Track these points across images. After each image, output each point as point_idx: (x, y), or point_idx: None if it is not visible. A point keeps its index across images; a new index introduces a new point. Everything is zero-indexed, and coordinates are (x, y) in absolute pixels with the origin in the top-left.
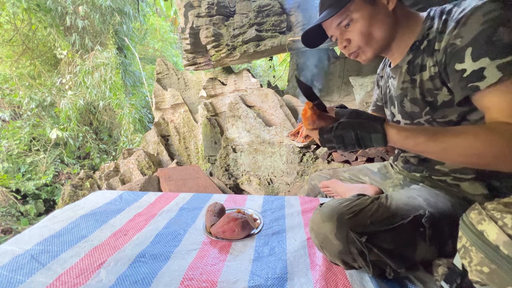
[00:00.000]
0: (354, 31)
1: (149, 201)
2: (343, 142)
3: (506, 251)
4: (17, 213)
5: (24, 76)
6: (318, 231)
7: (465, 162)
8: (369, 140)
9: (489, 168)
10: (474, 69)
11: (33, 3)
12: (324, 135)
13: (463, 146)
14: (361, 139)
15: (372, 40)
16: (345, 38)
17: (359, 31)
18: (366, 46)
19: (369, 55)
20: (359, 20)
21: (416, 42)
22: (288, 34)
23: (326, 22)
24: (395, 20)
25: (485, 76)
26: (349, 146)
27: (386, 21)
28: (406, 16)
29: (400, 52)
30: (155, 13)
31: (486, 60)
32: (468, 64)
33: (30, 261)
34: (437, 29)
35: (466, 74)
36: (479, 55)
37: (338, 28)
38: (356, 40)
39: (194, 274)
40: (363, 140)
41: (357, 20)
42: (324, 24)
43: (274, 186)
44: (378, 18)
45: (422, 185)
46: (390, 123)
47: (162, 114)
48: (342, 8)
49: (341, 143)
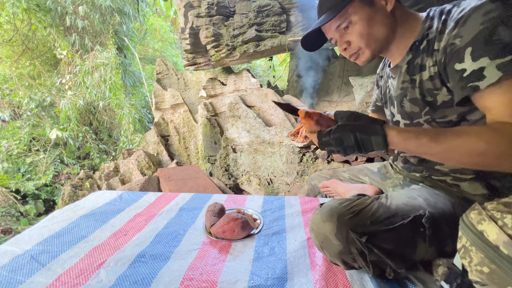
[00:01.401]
0: (353, 33)
1: (149, 201)
2: (342, 145)
3: (506, 251)
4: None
5: (24, 76)
6: (318, 231)
7: (468, 163)
8: (369, 143)
9: (491, 169)
10: (474, 69)
11: (33, 3)
12: (323, 138)
13: (466, 146)
14: (361, 141)
15: (371, 41)
16: (344, 40)
17: (359, 33)
18: (365, 48)
19: (368, 55)
20: (358, 22)
21: (416, 42)
22: (288, 34)
23: (325, 25)
24: (394, 21)
25: (485, 76)
26: (349, 150)
27: (385, 22)
28: (405, 17)
29: (399, 52)
30: (155, 13)
31: (486, 60)
32: (468, 64)
33: (30, 262)
34: (436, 29)
35: (466, 74)
36: (479, 54)
37: (338, 31)
38: (355, 42)
39: (194, 274)
40: (363, 143)
41: (356, 22)
42: (323, 27)
43: (274, 186)
44: (376, 19)
45: (422, 185)
46: (390, 125)
47: (162, 114)
48: (340, 11)
49: (340, 146)
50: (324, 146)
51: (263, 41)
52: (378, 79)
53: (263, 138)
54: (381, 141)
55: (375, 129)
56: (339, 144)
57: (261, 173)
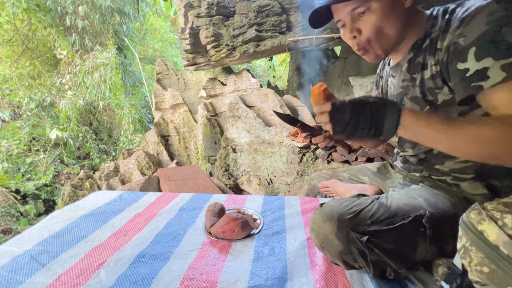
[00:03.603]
0: (368, 21)
1: (149, 201)
2: (357, 121)
3: (506, 251)
4: (16, 213)
5: (24, 76)
6: (318, 231)
7: (476, 153)
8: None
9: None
10: (477, 69)
11: (33, 3)
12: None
13: (475, 133)
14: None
15: (383, 36)
16: (356, 27)
17: (373, 24)
18: (376, 42)
19: (379, 53)
20: (377, 11)
21: (418, 41)
22: (288, 34)
23: (339, 4)
24: (407, 19)
25: (488, 76)
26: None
27: (400, 18)
28: (414, 15)
29: (401, 51)
30: (155, 13)
31: (490, 60)
32: (471, 63)
33: (30, 262)
34: (440, 28)
35: (469, 74)
36: (483, 55)
37: (351, 14)
38: (367, 32)
39: (194, 274)
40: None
41: (374, 10)
42: (335, 6)
43: (274, 186)
44: (394, 13)
45: (422, 185)
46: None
47: (162, 114)
48: None
49: (354, 120)
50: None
51: (263, 41)
52: (378, 79)
53: (263, 138)
54: (395, 115)
55: (391, 101)
56: (354, 117)
57: (261, 173)
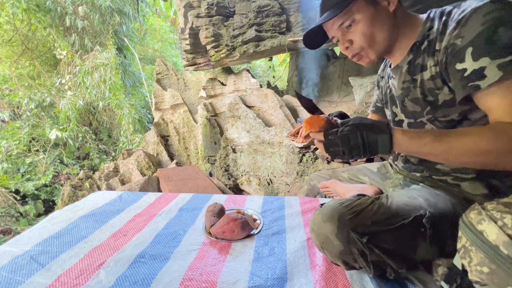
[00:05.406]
0: (356, 31)
1: (149, 202)
2: (349, 144)
3: (506, 251)
4: (16, 213)
5: (24, 77)
6: (319, 232)
7: (471, 162)
8: (375, 142)
9: (495, 168)
10: (474, 68)
11: (32, 3)
12: (330, 137)
13: (468, 146)
14: (367, 140)
15: (374, 41)
16: (347, 39)
17: (362, 32)
18: (368, 48)
19: (372, 57)
20: (362, 21)
21: (417, 43)
22: (287, 35)
23: (327, 23)
24: (395, 22)
25: (485, 75)
26: (355, 150)
27: (387, 22)
28: (405, 18)
29: (400, 53)
30: (154, 14)
31: (486, 60)
32: (468, 63)
33: (30, 262)
34: (437, 30)
35: (466, 74)
36: (479, 54)
37: (340, 29)
38: (358, 41)
39: (193, 274)
40: (369, 142)
41: (359, 21)
42: (325, 25)
43: (274, 187)
44: (379, 19)
45: (422, 185)
46: (395, 127)
47: (161, 115)
48: (344, 8)
49: (346, 145)
50: (330, 147)
51: (263, 42)
52: (379, 79)
53: (263, 138)
54: (387, 140)
55: (382, 127)
56: (346, 143)
57: (261, 173)
